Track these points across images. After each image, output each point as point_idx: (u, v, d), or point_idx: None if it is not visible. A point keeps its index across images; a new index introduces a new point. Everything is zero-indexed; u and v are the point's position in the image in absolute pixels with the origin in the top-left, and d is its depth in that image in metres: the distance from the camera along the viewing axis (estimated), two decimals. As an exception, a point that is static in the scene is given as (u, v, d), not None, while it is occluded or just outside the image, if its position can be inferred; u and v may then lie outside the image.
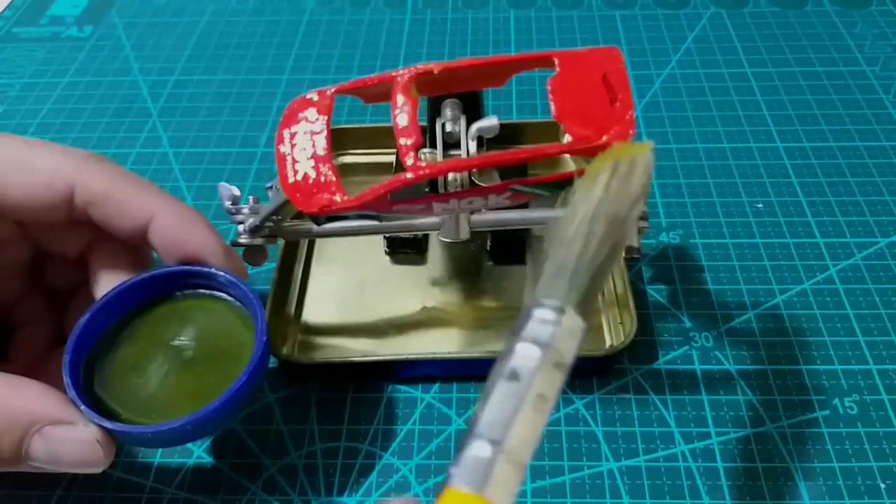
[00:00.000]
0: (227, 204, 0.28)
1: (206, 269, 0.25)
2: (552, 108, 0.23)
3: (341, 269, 0.33)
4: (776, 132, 0.39)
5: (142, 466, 0.27)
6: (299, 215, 0.27)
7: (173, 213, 0.25)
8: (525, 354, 0.17)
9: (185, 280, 0.26)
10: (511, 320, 0.30)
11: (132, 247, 0.26)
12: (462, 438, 0.16)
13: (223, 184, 0.29)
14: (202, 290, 0.26)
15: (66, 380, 0.22)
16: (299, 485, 0.26)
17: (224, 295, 0.26)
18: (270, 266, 0.31)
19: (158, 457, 0.27)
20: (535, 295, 0.18)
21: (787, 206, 0.35)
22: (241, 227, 0.28)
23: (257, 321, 0.24)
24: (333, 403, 0.28)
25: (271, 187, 0.27)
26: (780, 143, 0.39)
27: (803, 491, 0.25)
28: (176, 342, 0.24)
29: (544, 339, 0.17)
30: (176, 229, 0.25)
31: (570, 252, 0.18)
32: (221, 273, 0.25)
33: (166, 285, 0.26)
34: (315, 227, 0.28)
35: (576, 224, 0.19)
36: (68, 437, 0.21)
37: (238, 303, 0.25)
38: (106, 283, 0.26)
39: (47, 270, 0.28)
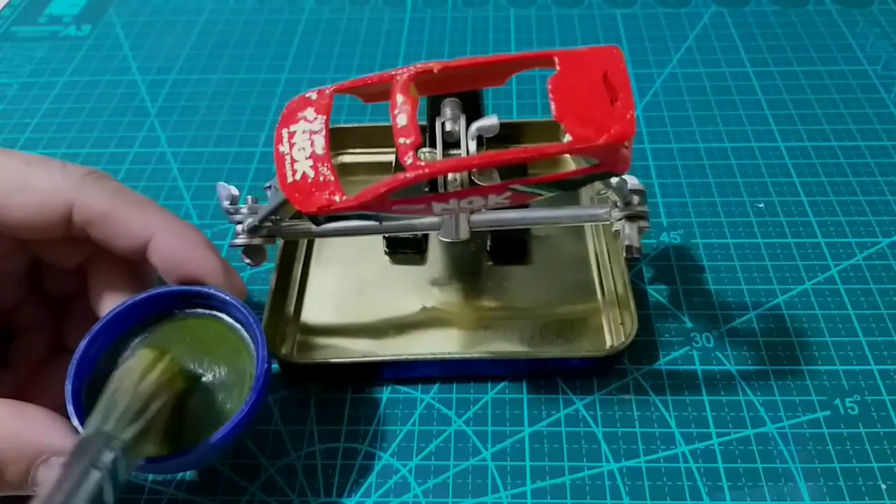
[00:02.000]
0: (226, 204, 0.28)
1: (205, 290, 0.25)
2: (552, 107, 0.23)
3: (340, 269, 0.33)
4: (777, 131, 0.39)
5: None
6: (298, 215, 0.27)
7: (173, 233, 0.24)
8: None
9: (185, 300, 0.25)
10: (511, 320, 0.30)
11: (133, 262, 0.26)
12: None
13: (222, 183, 0.29)
14: (202, 310, 0.26)
15: (70, 408, 0.22)
16: (298, 485, 0.26)
17: (224, 315, 0.25)
18: (269, 266, 0.31)
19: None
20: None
21: (789, 206, 0.35)
22: (239, 227, 0.28)
23: (258, 347, 0.24)
24: (333, 404, 0.28)
25: (270, 187, 0.27)
26: (781, 142, 0.39)
27: (804, 492, 0.25)
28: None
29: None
30: (175, 249, 0.24)
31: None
32: (221, 294, 0.25)
33: (166, 305, 0.25)
34: (314, 227, 0.27)
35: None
36: None
37: (238, 324, 0.25)
38: (106, 299, 0.25)
39: (46, 278, 0.28)
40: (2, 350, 0.27)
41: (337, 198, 0.24)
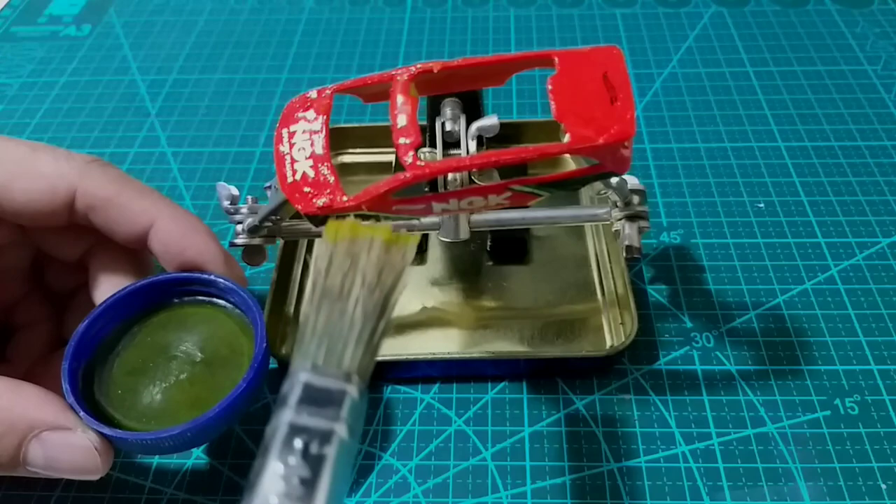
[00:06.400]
0: (226, 203, 0.28)
1: (205, 276, 0.25)
2: (552, 107, 0.23)
3: (340, 268, 0.33)
4: (777, 131, 0.39)
5: (140, 467, 0.27)
6: (298, 215, 0.27)
7: (174, 220, 0.25)
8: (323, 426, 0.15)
9: (185, 287, 0.25)
10: (511, 320, 0.30)
11: (132, 252, 0.26)
12: None
13: (222, 183, 0.29)
14: (201, 297, 0.26)
15: (65, 386, 0.22)
16: (298, 486, 0.26)
17: (223, 302, 0.26)
18: (269, 266, 0.31)
19: (158, 457, 0.27)
20: (317, 358, 0.17)
21: (789, 206, 0.35)
22: (239, 227, 0.28)
23: (257, 328, 0.24)
24: (333, 404, 0.28)
25: (270, 187, 0.27)
26: (781, 142, 0.38)
27: (804, 492, 0.25)
28: (175, 349, 0.24)
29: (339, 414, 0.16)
30: (176, 235, 0.25)
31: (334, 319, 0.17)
32: (221, 280, 0.25)
33: (166, 292, 0.26)
34: (314, 227, 0.27)
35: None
36: (66, 443, 0.21)
37: (237, 310, 0.25)
38: (106, 287, 0.25)
39: (47, 273, 0.28)
40: (1, 346, 0.27)
41: (337, 198, 0.24)
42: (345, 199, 0.23)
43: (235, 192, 0.28)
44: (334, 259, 0.19)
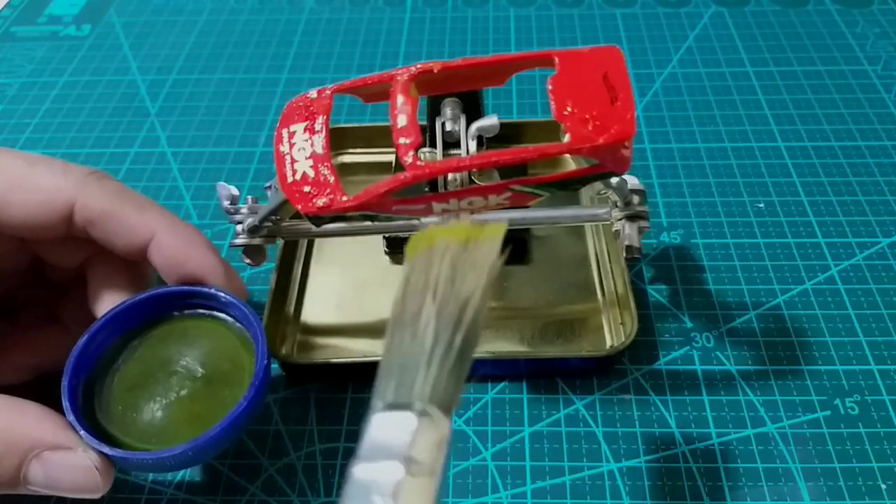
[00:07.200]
0: (226, 204, 0.28)
1: (206, 290, 0.25)
2: (552, 107, 0.23)
3: (340, 269, 0.33)
4: (777, 131, 0.39)
5: (140, 467, 0.27)
6: (298, 215, 0.27)
7: (174, 233, 0.25)
8: (387, 471, 0.14)
9: (186, 300, 0.25)
10: (511, 320, 0.30)
11: (132, 263, 0.26)
12: None
13: (222, 183, 0.29)
14: (202, 311, 0.26)
15: (66, 404, 0.22)
16: (298, 485, 0.26)
17: (224, 315, 0.25)
18: (269, 266, 0.31)
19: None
20: (386, 396, 0.15)
21: (789, 206, 0.35)
22: (239, 227, 0.28)
23: (258, 343, 0.24)
24: (333, 404, 0.28)
25: (270, 187, 0.27)
26: (781, 142, 0.38)
27: (804, 492, 0.25)
28: (176, 364, 0.24)
29: (406, 452, 0.14)
30: (176, 249, 0.24)
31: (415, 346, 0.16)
32: (222, 294, 0.25)
33: (166, 305, 0.25)
34: (314, 227, 0.27)
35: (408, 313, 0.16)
36: (67, 463, 0.21)
37: (238, 324, 0.25)
38: (105, 299, 0.25)
39: (46, 272, 0.28)
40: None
41: (337, 198, 0.24)
42: (345, 199, 0.23)
43: (235, 192, 0.28)
44: (410, 279, 0.17)
